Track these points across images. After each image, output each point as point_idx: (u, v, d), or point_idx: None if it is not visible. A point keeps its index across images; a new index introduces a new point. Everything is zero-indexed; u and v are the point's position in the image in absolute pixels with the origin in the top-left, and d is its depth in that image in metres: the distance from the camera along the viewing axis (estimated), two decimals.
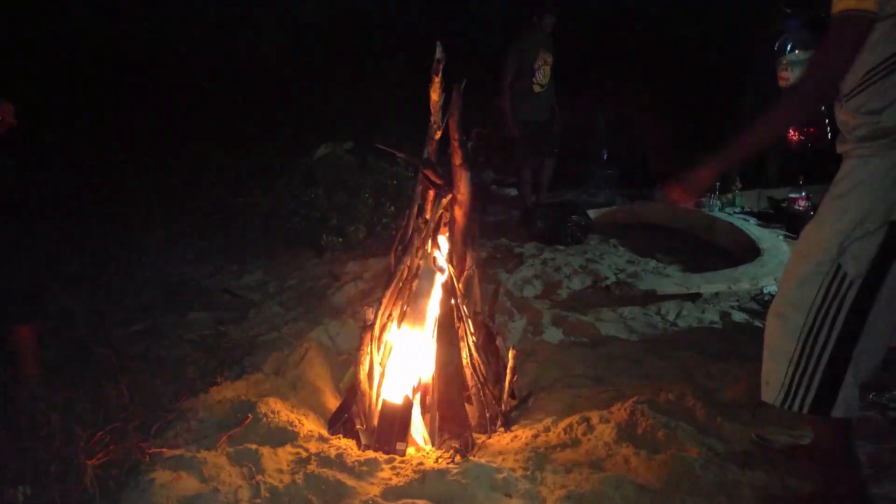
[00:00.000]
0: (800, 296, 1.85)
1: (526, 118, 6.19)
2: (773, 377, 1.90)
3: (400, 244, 2.80)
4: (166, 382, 2.95)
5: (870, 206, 1.76)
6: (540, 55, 6.11)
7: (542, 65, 6.14)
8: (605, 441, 2.39)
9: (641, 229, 6.28)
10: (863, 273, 1.77)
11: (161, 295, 4.42)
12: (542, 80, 6.19)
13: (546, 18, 6.10)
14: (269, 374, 3.04)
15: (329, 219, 5.30)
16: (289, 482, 2.15)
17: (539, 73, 6.16)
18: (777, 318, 1.93)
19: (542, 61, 6.14)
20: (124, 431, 2.40)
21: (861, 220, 1.77)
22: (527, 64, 6.10)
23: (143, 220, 5.84)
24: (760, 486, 2.13)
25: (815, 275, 1.82)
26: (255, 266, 5.04)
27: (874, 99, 1.77)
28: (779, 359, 1.89)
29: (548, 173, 6.54)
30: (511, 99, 6.13)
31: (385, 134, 3.37)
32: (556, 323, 3.85)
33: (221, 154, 6.68)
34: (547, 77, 6.21)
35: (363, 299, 4.01)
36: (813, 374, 1.82)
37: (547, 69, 6.19)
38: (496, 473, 2.16)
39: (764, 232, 5.37)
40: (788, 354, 1.85)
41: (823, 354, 1.81)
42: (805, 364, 1.83)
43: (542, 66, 6.14)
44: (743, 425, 2.50)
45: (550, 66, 6.20)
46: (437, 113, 2.74)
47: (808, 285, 1.83)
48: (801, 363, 1.84)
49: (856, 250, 1.77)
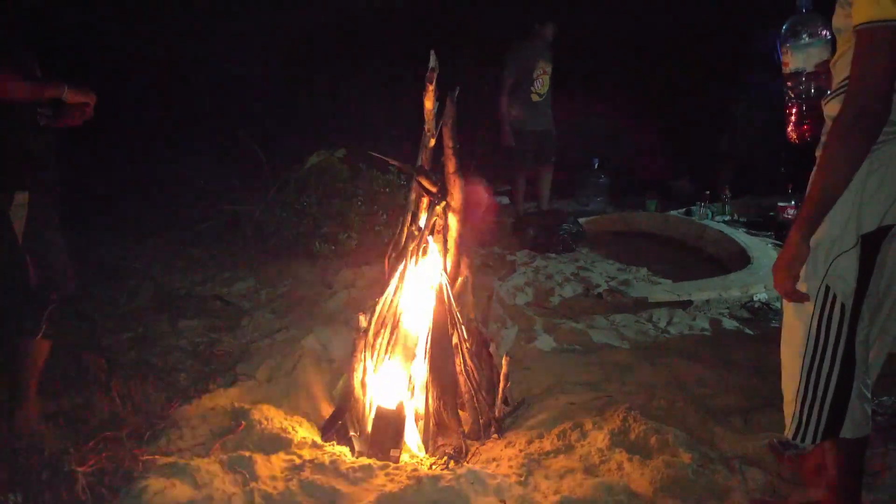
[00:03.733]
0: (798, 324, 1.78)
1: (523, 127, 6.21)
2: (787, 411, 1.85)
3: (394, 251, 2.81)
4: (159, 390, 2.93)
5: (844, 222, 1.69)
6: (539, 64, 6.14)
7: (540, 74, 6.17)
8: (598, 447, 2.40)
9: (632, 237, 6.33)
10: (852, 293, 1.71)
11: (152, 302, 4.40)
12: (541, 89, 6.22)
13: (547, 27, 6.14)
14: (262, 381, 3.04)
15: (321, 226, 5.29)
16: (283, 489, 2.14)
17: (538, 83, 6.19)
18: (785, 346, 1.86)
19: (541, 70, 6.17)
20: (117, 439, 2.39)
21: (838, 236, 1.70)
22: (525, 73, 6.13)
23: (134, 227, 5.82)
24: (752, 491, 2.16)
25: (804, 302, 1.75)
26: (247, 273, 5.02)
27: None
28: (788, 394, 1.84)
29: (546, 182, 6.56)
30: (509, 107, 6.16)
31: (377, 141, 3.38)
32: (548, 330, 3.86)
33: (213, 161, 6.68)
34: (545, 86, 6.24)
35: (356, 307, 4.01)
36: (822, 405, 1.77)
37: (546, 78, 6.22)
38: (490, 479, 2.16)
39: (754, 240, 5.43)
40: (795, 389, 1.80)
41: (829, 385, 1.75)
42: (812, 397, 1.77)
43: (540, 75, 6.17)
44: (734, 431, 2.52)
45: (549, 76, 6.23)
46: (431, 121, 2.76)
47: (804, 312, 1.77)
48: (807, 397, 1.78)
49: (840, 270, 1.70)
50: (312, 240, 5.20)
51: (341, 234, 5.24)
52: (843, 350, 1.73)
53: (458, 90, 2.73)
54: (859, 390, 1.78)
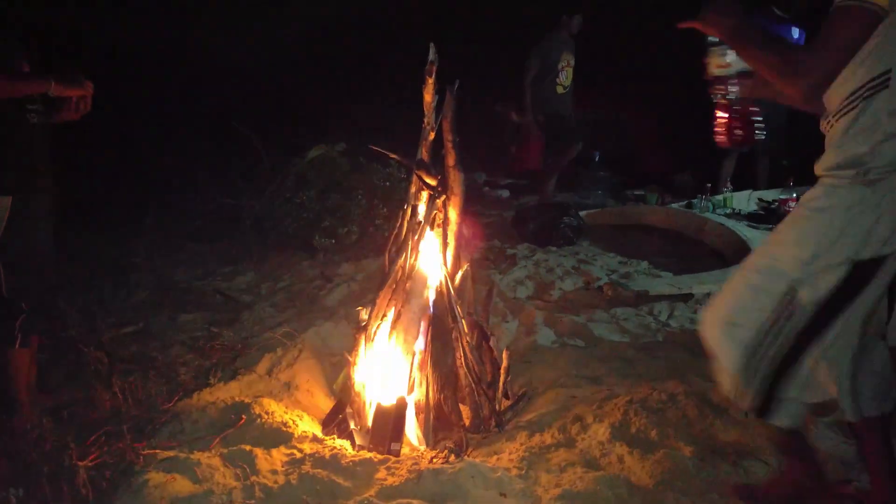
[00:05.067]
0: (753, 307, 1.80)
1: (550, 111, 6.21)
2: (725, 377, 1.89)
3: (394, 245, 2.80)
4: (159, 384, 2.95)
5: (834, 239, 1.67)
6: (563, 56, 6.12)
7: (565, 66, 6.15)
8: (598, 440, 2.40)
9: (633, 230, 6.31)
10: (820, 302, 1.70)
11: (152, 296, 4.41)
12: (566, 81, 6.21)
13: (574, 19, 6.11)
14: (262, 375, 3.04)
15: (321, 220, 5.28)
16: (283, 483, 2.15)
17: (562, 74, 6.17)
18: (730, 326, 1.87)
19: (566, 62, 6.15)
20: (117, 433, 2.39)
21: (823, 252, 1.69)
22: (551, 65, 6.11)
23: (134, 221, 5.81)
24: (752, 483, 2.15)
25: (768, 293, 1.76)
26: (248, 268, 5.02)
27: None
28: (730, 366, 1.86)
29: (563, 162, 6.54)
30: (532, 97, 6.15)
31: (378, 135, 3.36)
32: (548, 324, 3.86)
33: (213, 155, 6.66)
34: (569, 79, 6.23)
35: (356, 301, 4.01)
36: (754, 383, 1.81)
37: (570, 71, 6.20)
38: (491, 473, 2.16)
39: (755, 233, 5.40)
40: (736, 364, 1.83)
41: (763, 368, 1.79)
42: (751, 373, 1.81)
43: (565, 67, 6.16)
44: (735, 424, 2.52)
45: (573, 68, 6.22)
46: (431, 114, 2.75)
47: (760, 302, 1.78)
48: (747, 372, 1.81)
49: (813, 281, 1.70)
50: (312, 233, 5.20)
51: (341, 227, 5.23)
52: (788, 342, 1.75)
53: (457, 84, 2.72)
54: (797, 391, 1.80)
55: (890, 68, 1.60)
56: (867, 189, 1.64)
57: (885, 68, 1.60)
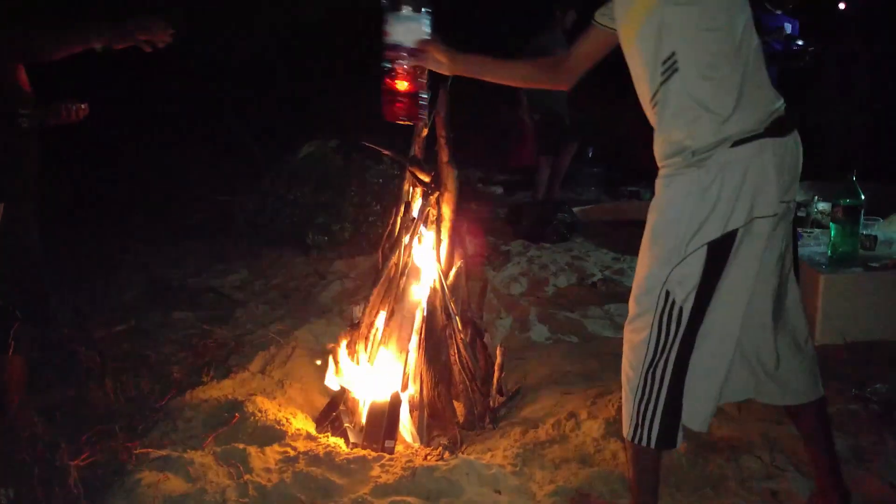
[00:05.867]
0: (640, 324, 1.76)
1: (545, 108, 6.19)
2: (625, 409, 1.80)
3: (387, 242, 2.79)
4: (152, 382, 2.92)
5: (683, 229, 1.66)
6: (557, 52, 6.10)
7: None
8: (593, 437, 2.40)
9: (627, 226, 6.30)
10: (691, 298, 1.68)
11: (145, 294, 4.38)
12: None
13: (568, 15, 6.09)
14: (255, 372, 3.02)
15: (314, 217, 5.27)
16: (277, 481, 2.14)
17: None
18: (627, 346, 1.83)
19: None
20: (109, 432, 2.38)
21: (676, 245, 1.67)
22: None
23: (125, 218, 5.78)
24: (746, 479, 2.16)
25: (649, 304, 1.73)
26: (240, 265, 5.00)
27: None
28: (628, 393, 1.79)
29: (566, 161, 6.52)
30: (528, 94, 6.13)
31: (371, 132, 3.34)
32: (542, 320, 3.86)
33: (206, 152, 6.63)
34: None
35: (350, 298, 4.00)
36: (655, 407, 1.73)
37: None
38: (485, 469, 2.16)
39: None
40: (634, 388, 1.76)
41: (662, 387, 1.72)
42: (648, 397, 1.73)
43: None
44: (728, 419, 2.52)
45: None
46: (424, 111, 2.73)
47: (645, 314, 1.74)
48: (644, 397, 1.74)
49: (678, 276, 1.67)
50: (306, 231, 5.18)
51: (335, 224, 5.21)
52: (676, 352, 1.71)
53: (450, 80, 2.71)
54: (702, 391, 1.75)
55: (674, 51, 1.64)
56: (699, 170, 1.65)
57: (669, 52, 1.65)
